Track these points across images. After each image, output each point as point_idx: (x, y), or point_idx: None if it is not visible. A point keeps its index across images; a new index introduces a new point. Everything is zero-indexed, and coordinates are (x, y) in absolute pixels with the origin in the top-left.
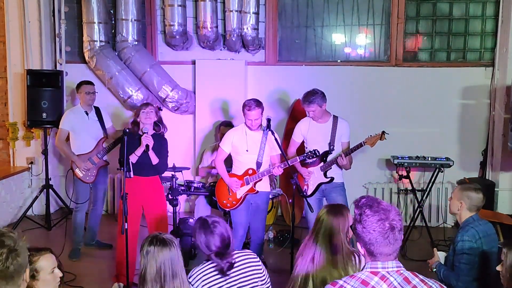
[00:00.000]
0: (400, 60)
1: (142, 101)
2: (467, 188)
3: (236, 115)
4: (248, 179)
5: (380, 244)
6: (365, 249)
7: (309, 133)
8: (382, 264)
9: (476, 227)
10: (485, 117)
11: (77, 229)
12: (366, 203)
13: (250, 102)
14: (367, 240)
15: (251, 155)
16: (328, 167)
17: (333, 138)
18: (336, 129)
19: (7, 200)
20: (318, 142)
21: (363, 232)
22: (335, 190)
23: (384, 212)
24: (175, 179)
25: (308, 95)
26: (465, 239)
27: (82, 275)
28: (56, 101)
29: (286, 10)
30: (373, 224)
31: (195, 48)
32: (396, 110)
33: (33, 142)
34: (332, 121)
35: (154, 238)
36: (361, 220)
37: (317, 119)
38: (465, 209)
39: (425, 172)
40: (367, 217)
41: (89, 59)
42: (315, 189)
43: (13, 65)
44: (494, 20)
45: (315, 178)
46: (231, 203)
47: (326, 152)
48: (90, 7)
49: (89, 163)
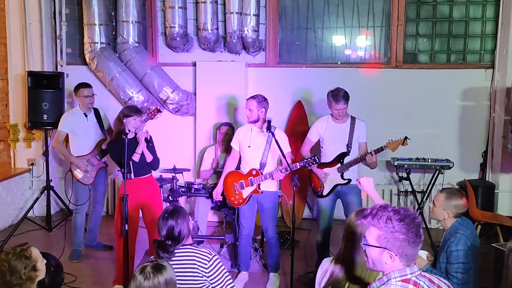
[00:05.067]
0: (400, 62)
1: (142, 103)
2: (452, 196)
3: (236, 117)
4: (252, 180)
5: (412, 243)
6: (397, 255)
7: (326, 133)
8: (410, 270)
9: (465, 233)
10: (485, 119)
11: (77, 230)
12: (382, 209)
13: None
14: (399, 244)
15: (254, 153)
16: (345, 169)
17: (351, 140)
18: (354, 130)
19: (8, 202)
20: (335, 142)
21: (395, 238)
22: (351, 191)
23: (404, 211)
24: (176, 180)
25: (343, 93)
26: (460, 249)
27: (83, 276)
28: (57, 103)
29: (286, 12)
30: (401, 227)
31: (196, 50)
32: (396, 112)
33: (34, 144)
34: (350, 121)
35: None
36: (386, 227)
37: (340, 118)
38: (451, 218)
39: (425, 173)
40: (394, 220)
41: (90, 60)
42: (330, 190)
43: (14, 67)
44: (494, 22)
45: (331, 179)
46: (238, 201)
47: (343, 154)
48: (91, 9)
49: (89, 165)
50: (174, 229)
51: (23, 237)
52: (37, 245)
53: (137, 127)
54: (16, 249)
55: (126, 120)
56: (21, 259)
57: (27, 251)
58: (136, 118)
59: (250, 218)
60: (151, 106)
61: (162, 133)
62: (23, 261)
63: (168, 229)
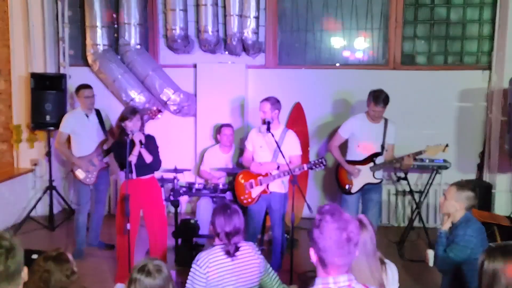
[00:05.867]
0: (398, 64)
1: (144, 104)
2: (464, 188)
3: (236, 118)
4: (261, 180)
5: (334, 253)
6: (317, 256)
7: (361, 131)
8: (333, 279)
9: (475, 224)
10: (482, 120)
11: (79, 230)
12: (329, 210)
13: (265, 97)
14: (321, 247)
15: (264, 153)
16: (379, 169)
17: (385, 140)
18: (386, 131)
19: (11, 201)
20: (370, 141)
21: (319, 238)
22: (375, 188)
23: (344, 222)
24: (177, 180)
25: (384, 96)
26: (468, 234)
27: (85, 275)
28: (59, 104)
29: (286, 14)
30: (331, 231)
31: (197, 51)
32: (394, 113)
33: (36, 144)
34: (383, 122)
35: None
36: (319, 225)
37: (377, 120)
38: (462, 209)
39: (423, 174)
40: (326, 223)
41: (92, 62)
42: (360, 188)
43: (17, 68)
44: (491, 24)
45: (363, 177)
46: (247, 200)
47: (376, 154)
48: (93, 11)
49: (90, 165)
50: (237, 223)
51: (26, 236)
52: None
53: (133, 129)
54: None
55: (124, 122)
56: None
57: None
58: (132, 119)
59: (257, 218)
60: (152, 107)
61: (163, 134)
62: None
63: (234, 221)
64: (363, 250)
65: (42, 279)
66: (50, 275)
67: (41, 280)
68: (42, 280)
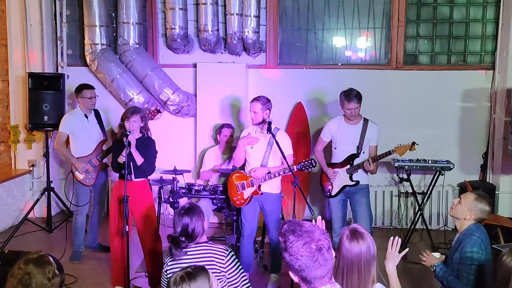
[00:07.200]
0: (401, 63)
1: (143, 104)
2: (482, 199)
3: (236, 118)
4: (252, 181)
5: (311, 268)
6: (298, 277)
7: (338, 133)
8: None
9: (480, 236)
10: (485, 120)
11: (77, 232)
12: (288, 229)
13: (255, 97)
14: (297, 267)
15: (256, 153)
16: (354, 171)
17: (362, 141)
18: (365, 132)
19: (8, 203)
20: (346, 143)
21: (291, 260)
22: (359, 192)
23: (308, 234)
24: (176, 181)
25: (356, 92)
26: (474, 251)
27: (83, 277)
28: (57, 104)
29: (287, 13)
30: (299, 250)
31: (196, 51)
32: (397, 113)
33: (34, 145)
34: (362, 123)
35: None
36: (286, 248)
37: (353, 118)
38: (472, 220)
39: (426, 175)
40: (291, 243)
41: (90, 62)
42: (339, 190)
43: (14, 68)
44: (494, 24)
45: (341, 180)
46: (240, 201)
47: (353, 155)
48: (91, 11)
49: (89, 166)
50: (189, 226)
51: (24, 238)
52: (38, 247)
53: (130, 129)
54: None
55: (123, 122)
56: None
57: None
58: (129, 119)
59: (252, 218)
60: (151, 107)
61: (162, 135)
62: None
63: (183, 226)
64: (356, 260)
65: (22, 282)
66: (31, 278)
67: (21, 283)
68: (22, 283)
